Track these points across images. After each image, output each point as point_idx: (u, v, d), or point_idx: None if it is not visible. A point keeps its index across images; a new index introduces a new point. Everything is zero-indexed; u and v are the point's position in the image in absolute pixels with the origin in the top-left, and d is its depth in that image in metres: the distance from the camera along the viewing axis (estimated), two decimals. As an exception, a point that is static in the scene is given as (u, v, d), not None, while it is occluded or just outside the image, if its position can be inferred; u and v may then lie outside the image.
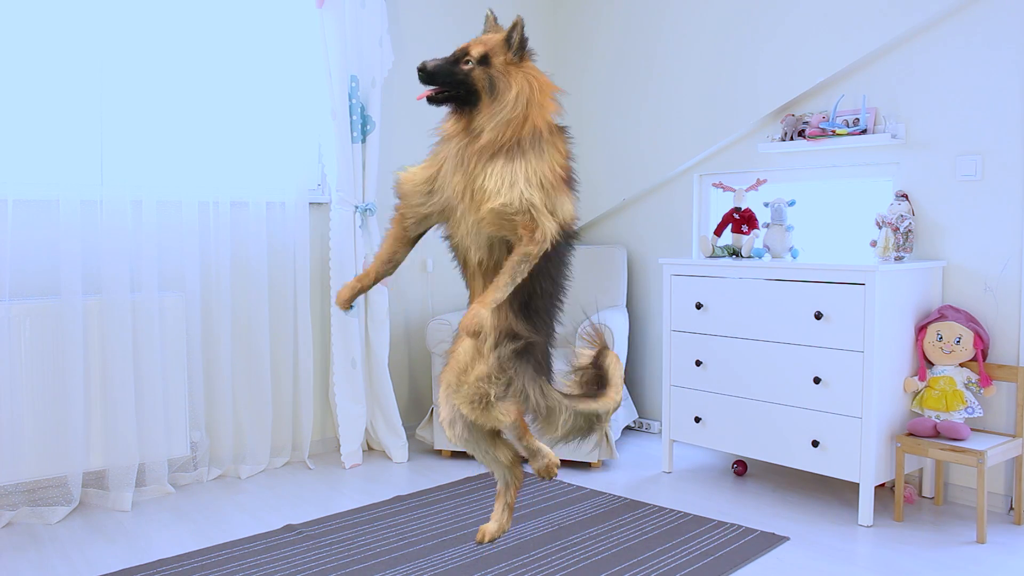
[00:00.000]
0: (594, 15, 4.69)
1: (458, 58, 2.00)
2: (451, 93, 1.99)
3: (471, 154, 1.98)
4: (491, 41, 2.02)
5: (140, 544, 2.93)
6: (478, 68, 1.98)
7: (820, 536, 3.01)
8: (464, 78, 1.98)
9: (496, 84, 1.99)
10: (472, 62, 1.98)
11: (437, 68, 1.98)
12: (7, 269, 3.11)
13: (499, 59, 2.00)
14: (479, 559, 2.76)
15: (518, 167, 1.96)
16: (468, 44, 2.03)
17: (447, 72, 1.98)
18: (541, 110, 2.04)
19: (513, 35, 2.00)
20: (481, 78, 1.98)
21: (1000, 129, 3.24)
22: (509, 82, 1.99)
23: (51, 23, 3.24)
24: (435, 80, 1.98)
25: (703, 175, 4.30)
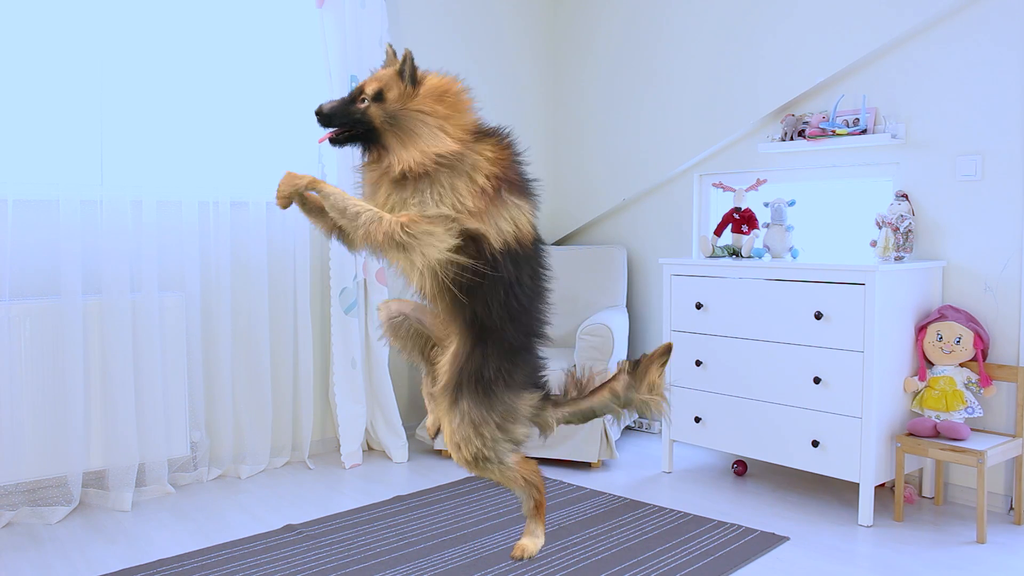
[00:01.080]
0: (594, 15, 4.69)
1: (354, 97, 1.99)
2: (351, 132, 1.99)
3: (378, 183, 1.98)
4: (385, 76, 2.00)
5: (140, 544, 2.93)
6: (373, 105, 1.97)
7: (820, 536, 3.01)
8: (361, 116, 1.97)
9: (396, 117, 1.96)
10: (367, 100, 1.97)
11: (333, 110, 1.98)
12: (7, 269, 3.11)
13: (393, 92, 1.97)
14: (479, 559, 2.76)
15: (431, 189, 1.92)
16: (364, 82, 2.02)
17: (343, 112, 1.98)
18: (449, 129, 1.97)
19: (404, 68, 1.97)
20: (377, 115, 1.96)
21: (1000, 129, 3.24)
22: (408, 112, 1.96)
23: (51, 23, 3.24)
24: (332, 121, 1.98)
25: (703, 175, 4.30)
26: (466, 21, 4.53)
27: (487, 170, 1.98)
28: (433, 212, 1.92)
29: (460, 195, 1.94)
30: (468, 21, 4.54)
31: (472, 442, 2.02)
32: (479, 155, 1.98)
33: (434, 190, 1.94)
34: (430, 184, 1.95)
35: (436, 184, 1.95)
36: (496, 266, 1.98)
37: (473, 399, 2.02)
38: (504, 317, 2.01)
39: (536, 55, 4.87)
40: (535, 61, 4.87)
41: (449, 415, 2.04)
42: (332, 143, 2.01)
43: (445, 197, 1.94)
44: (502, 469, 2.08)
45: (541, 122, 4.92)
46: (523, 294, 2.04)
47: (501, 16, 4.69)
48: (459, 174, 1.96)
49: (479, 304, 1.99)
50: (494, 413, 2.03)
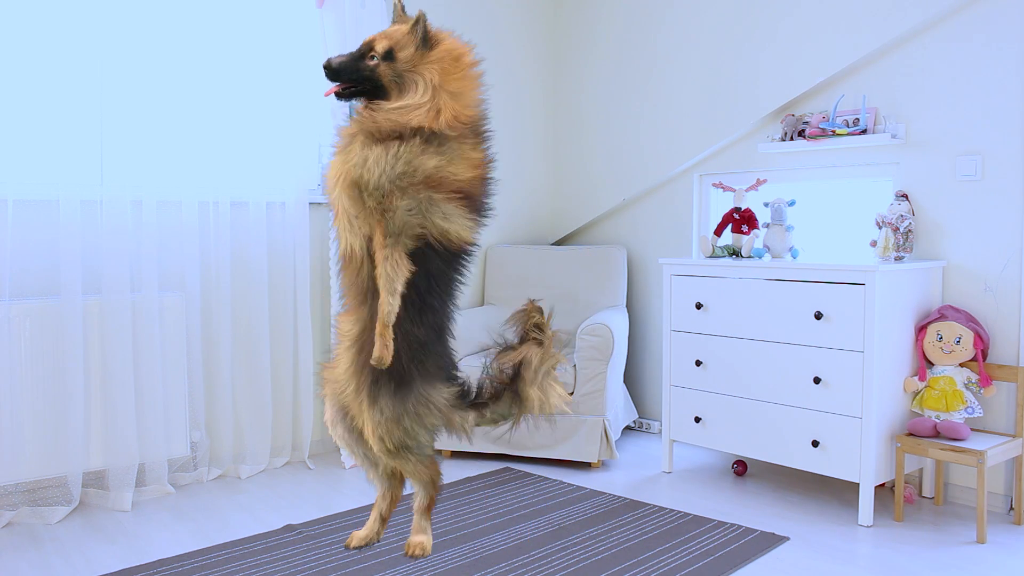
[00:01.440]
0: (594, 15, 4.69)
1: (363, 53, 1.98)
2: (358, 88, 1.98)
3: (355, 137, 1.97)
4: (396, 34, 1.99)
5: (140, 544, 2.93)
6: (383, 64, 1.97)
7: (820, 536, 3.01)
8: (370, 74, 1.97)
9: (404, 79, 1.97)
10: (377, 57, 1.97)
11: (342, 65, 1.97)
12: (7, 269, 3.11)
13: (405, 52, 1.97)
14: (479, 559, 2.76)
15: (396, 153, 1.92)
16: (373, 38, 2.01)
17: (352, 68, 1.97)
18: (449, 107, 1.97)
19: (417, 28, 1.97)
20: (387, 74, 1.97)
21: (1000, 129, 3.24)
22: (415, 76, 1.97)
23: (51, 23, 3.24)
24: (340, 77, 1.98)
25: (703, 175, 4.30)
26: (466, 21, 4.53)
27: (461, 173, 1.98)
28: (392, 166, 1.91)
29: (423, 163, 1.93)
30: (468, 21, 4.54)
31: (394, 434, 2.03)
32: (463, 157, 1.98)
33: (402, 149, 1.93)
34: (409, 145, 1.93)
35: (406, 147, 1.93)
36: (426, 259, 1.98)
37: (389, 393, 2.02)
38: (416, 310, 2.01)
39: (536, 55, 4.87)
40: (535, 61, 4.87)
41: (369, 412, 2.04)
42: (338, 97, 2.01)
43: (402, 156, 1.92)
44: (420, 459, 2.11)
45: (541, 122, 4.92)
46: (437, 293, 2.04)
47: (501, 16, 4.69)
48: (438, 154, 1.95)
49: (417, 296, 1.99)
50: (410, 404, 2.04)
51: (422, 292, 2.01)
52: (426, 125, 1.94)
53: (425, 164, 1.94)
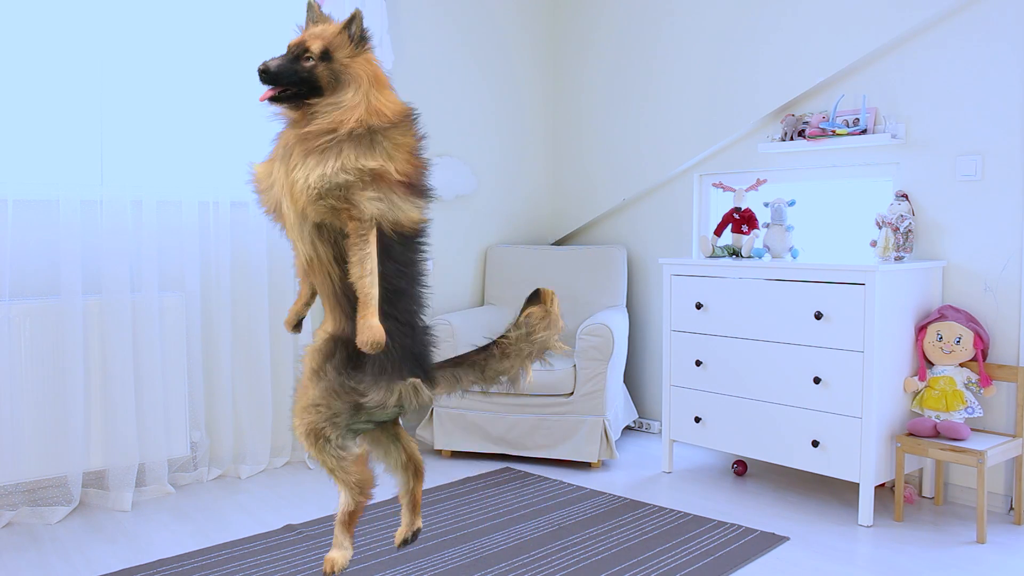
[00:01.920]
0: (594, 15, 4.69)
1: (298, 55, 1.98)
2: (294, 91, 1.98)
3: (295, 144, 1.97)
4: (328, 34, 2.00)
5: (140, 544, 2.93)
6: (320, 64, 1.97)
7: (820, 536, 3.01)
8: (307, 75, 1.97)
9: (340, 79, 1.97)
10: (313, 58, 1.97)
11: (280, 68, 1.96)
12: (7, 269, 3.11)
13: (341, 52, 1.98)
14: (479, 559, 2.76)
15: (336, 155, 1.93)
16: (304, 39, 2.00)
17: (290, 71, 1.97)
18: (379, 102, 2.00)
19: (352, 28, 1.99)
20: (324, 75, 1.97)
21: (1000, 129, 3.24)
22: (349, 75, 1.98)
23: (51, 23, 3.24)
24: (279, 80, 1.97)
25: (703, 175, 4.30)
26: (466, 21, 4.53)
27: (398, 163, 1.99)
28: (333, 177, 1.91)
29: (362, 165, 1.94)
30: (468, 21, 4.54)
31: (318, 411, 2.00)
32: (396, 146, 1.99)
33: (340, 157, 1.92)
34: (338, 153, 1.93)
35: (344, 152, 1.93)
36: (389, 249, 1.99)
37: (335, 375, 2.01)
38: (388, 295, 2.01)
39: (536, 55, 4.87)
40: (535, 61, 4.87)
41: (310, 380, 2.03)
42: (273, 101, 1.99)
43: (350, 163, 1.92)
44: (339, 456, 2.05)
45: (541, 122, 4.92)
46: (399, 277, 2.03)
47: (501, 16, 4.69)
48: (371, 151, 1.96)
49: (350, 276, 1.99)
50: (349, 396, 2.01)
51: (390, 277, 2.02)
52: (363, 123, 1.95)
53: (367, 164, 1.94)
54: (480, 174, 4.62)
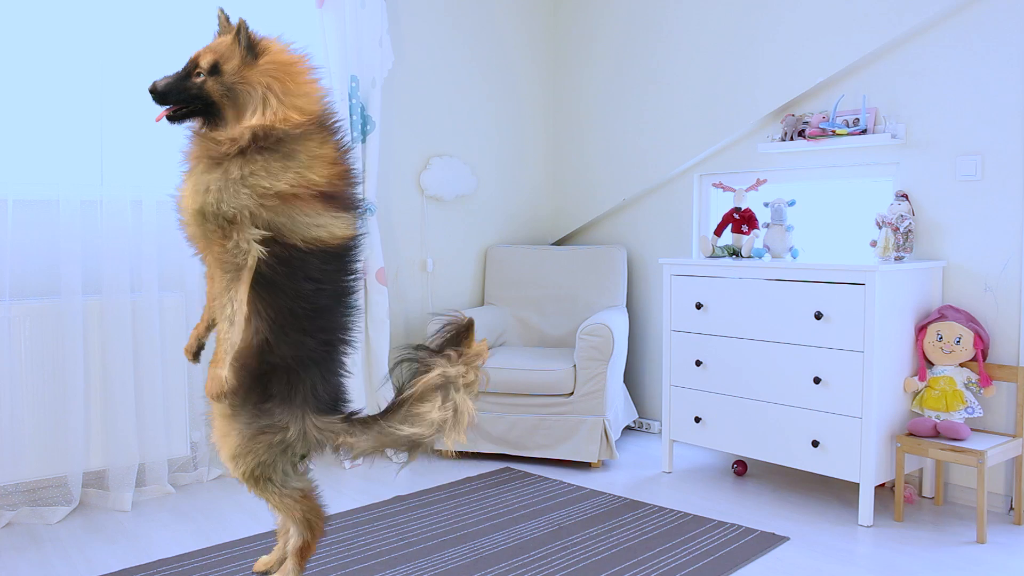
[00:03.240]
0: (594, 15, 4.69)
1: (189, 71, 1.89)
2: (189, 109, 1.89)
3: (199, 160, 1.89)
4: (220, 47, 1.89)
5: (140, 544, 2.93)
6: (210, 79, 1.87)
7: (820, 536, 3.01)
8: (198, 92, 1.87)
9: (235, 92, 1.86)
10: (203, 74, 1.88)
11: (168, 87, 1.88)
12: (7, 269, 3.11)
13: (231, 64, 1.87)
14: (479, 559, 2.76)
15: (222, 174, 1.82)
16: (199, 53, 1.91)
17: (179, 89, 1.88)
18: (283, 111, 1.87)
19: (240, 38, 1.87)
20: (215, 89, 1.87)
21: (1000, 129, 3.24)
22: (246, 87, 1.86)
23: (51, 23, 3.24)
24: (168, 99, 1.88)
25: (703, 175, 4.30)
26: (466, 21, 4.53)
27: (316, 174, 1.86)
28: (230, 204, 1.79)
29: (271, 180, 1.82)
30: (468, 21, 4.54)
31: (246, 459, 1.91)
32: (312, 157, 1.87)
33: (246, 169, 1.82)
34: (243, 164, 1.82)
35: (250, 164, 1.82)
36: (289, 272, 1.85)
37: (250, 414, 1.90)
38: (290, 313, 1.88)
39: (536, 55, 4.87)
40: (535, 61, 4.87)
41: (229, 428, 1.91)
42: (170, 121, 1.91)
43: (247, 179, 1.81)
44: (282, 495, 1.96)
45: (541, 122, 4.92)
46: (314, 296, 1.89)
47: (501, 16, 4.69)
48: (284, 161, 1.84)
49: (262, 301, 1.87)
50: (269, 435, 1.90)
51: (308, 296, 1.89)
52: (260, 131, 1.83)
53: (276, 183, 1.82)
54: (480, 174, 4.62)
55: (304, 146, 1.88)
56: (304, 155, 1.87)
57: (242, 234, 1.81)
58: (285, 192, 1.83)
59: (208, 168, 1.86)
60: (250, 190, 1.82)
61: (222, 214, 1.81)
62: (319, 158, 1.89)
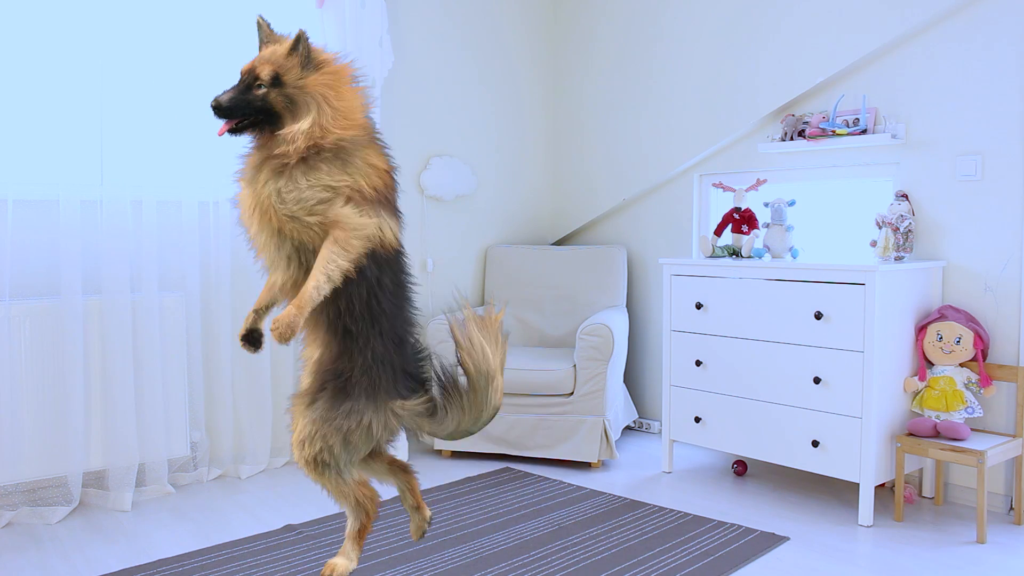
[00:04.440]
0: (594, 15, 4.69)
1: (249, 84, 1.93)
2: (252, 120, 1.94)
3: (260, 168, 1.94)
4: (276, 57, 1.95)
5: (140, 544, 2.93)
6: (272, 90, 1.92)
7: (820, 536, 3.01)
8: (262, 104, 1.93)
9: (295, 102, 1.93)
10: (264, 85, 1.93)
11: (232, 101, 1.93)
12: (7, 269, 3.11)
13: (291, 75, 1.93)
14: (479, 559, 2.76)
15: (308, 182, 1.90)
16: (254, 65, 1.95)
17: (243, 102, 1.93)
18: (345, 118, 1.95)
19: (299, 49, 1.93)
20: (278, 101, 1.93)
21: (1000, 129, 3.24)
22: (305, 97, 1.93)
23: (51, 23, 3.24)
24: (233, 113, 1.93)
25: (703, 175, 4.30)
26: (466, 21, 4.53)
27: (372, 181, 1.95)
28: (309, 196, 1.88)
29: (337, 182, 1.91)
30: (468, 21, 4.54)
31: (314, 443, 2.00)
32: (369, 165, 1.96)
33: (311, 175, 1.90)
34: (306, 171, 1.90)
35: (315, 171, 1.90)
36: (360, 266, 1.95)
37: (327, 404, 1.99)
38: (366, 319, 1.98)
39: (536, 55, 4.87)
40: (535, 61, 4.87)
41: (303, 415, 2.02)
42: (232, 133, 1.96)
43: (320, 182, 1.89)
44: (339, 481, 2.06)
45: (541, 122, 4.92)
46: (385, 298, 2.00)
47: (501, 16, 4.69)
48: (344, 167, 1.92)
49: (342, 300, 1.96)
50: (343, 422, 1.99)
51: (370, 300, 1.98)
52: (319, 143, 1.91)
53: (338, 187, 1.91)
54: (480, 174, 4.62)
55: (361, 154, 1.96)
56: (361, 163, 1.95)
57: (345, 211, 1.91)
58: (350, 194, 1.93)
59: (272, 176, 1.93)
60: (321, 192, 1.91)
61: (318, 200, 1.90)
62: (373, 167, 1.98)
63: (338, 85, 1.97)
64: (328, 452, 2.01)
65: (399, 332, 2.06)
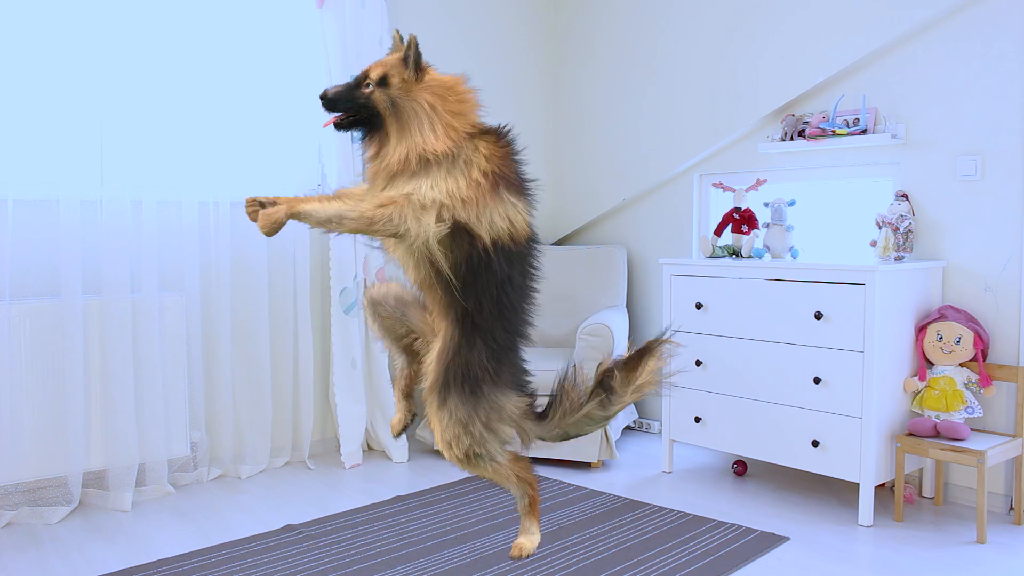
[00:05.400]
0: (594, 15, 4.70)
1: (359, 82, 2.00)
2: (356, 117, 2.00)
3: (376, 177, 1.99)
4: (390, 61, 2.02)
5: (140, 544, 2.93)
6: (378, 90, 1.99)
7: (820, 536, 3.01)
8: (365, 101, 1.99)
9: (398, 104, 1.98)
10: (372, 84, 1.99)
11: (338, 94, 1.99)
12: (7, 269, 3.11)
13: (397, 79, 1.99)
14: (479, 559, 2.76)
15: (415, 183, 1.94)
16: (369, 67, 2.03)
17: (347, 97, 1.99)
18: (451, 125, 2.00)
19: (408, 54, 1.99)
20: (381, 100, 1.98)
21: (1000, 129, 3.24)
22: (411, 102, 1.99)
23: (51, 23, 3.24)
24: (337, 106, 1.99)
25: (703, 175, 4.30)
26: (466, 21, 4.53)
27: (483, 166, 1.99)
28: (427, 194, 1.93)
29: (454, 184, 1.95)
30: (468, 21, 4.54)
31: (462, 440, 2.03)
32: (476, 151, 2.00)
33: (428, 179, 1.95)
34: (424, 175, 1.96)
35: (429, 176, 1.96)
36: (489, 262, 2.00)
37: (460, 398, 2.03)
38: (494, 314, 2.03)
39: (536, 55, 4.87)
40: (535, 61, 4.87)
41: (438, 415, 2.05)
42: (336, 128, 2.03)
43: (437, 185, 1.95)
44: (495, 466, 2.10)
45: (541, 122, 4.92)
46: (513, 293, 2.05)
47: (501, 16, 4.69)
48: (453, 168, 1.97)
49: (471, 299, 2.01)
50: (481, 411, 2.04)
51: (499, 298, 2.03)
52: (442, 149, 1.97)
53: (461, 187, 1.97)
54: (480, 174, 4.61)
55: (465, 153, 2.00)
56: (463, 160, 1.99)
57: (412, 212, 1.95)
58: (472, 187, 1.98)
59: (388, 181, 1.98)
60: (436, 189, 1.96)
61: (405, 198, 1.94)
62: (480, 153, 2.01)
63: (446, 93, 2.02)
64: (477, 445, 2.05)
65: (521, 327, 2.11)
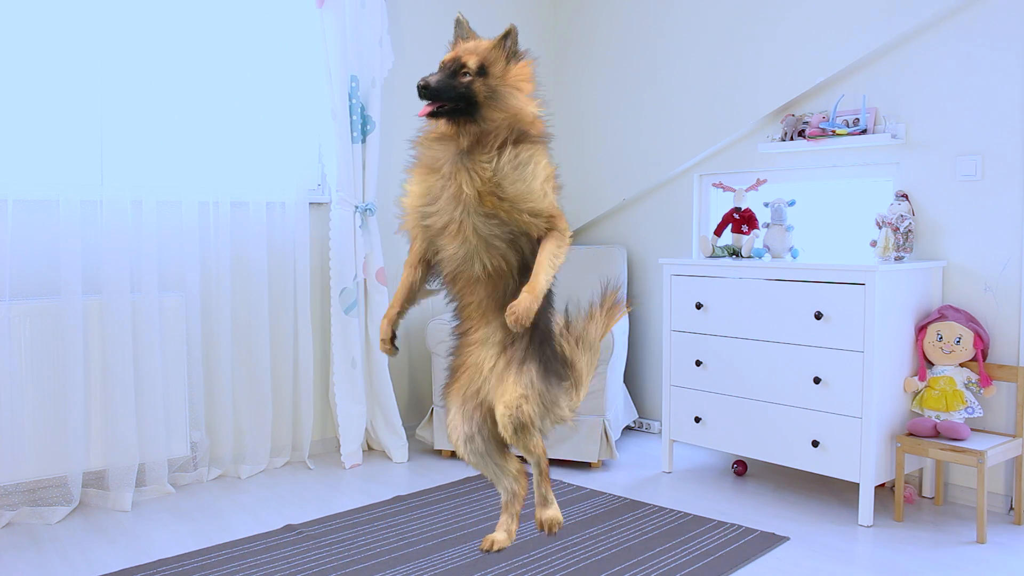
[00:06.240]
0: (594, 15, 4.69)
1: (455, 70, 2.00)
2: (452, 106, 2.00)
3: (472, 155, 2.00)
4: (482, 50, 2.04)
5: (140, 544, 2.93)
6: (478, 80, 2.00)
7: (820, 536, 3.01)
8: (465, 91, 1.99)
9: (496, 93, 2.01)
10: (470, 74, 2.00)
11: (440, 84, 1.99)
12: (7, 269, 3.11)
13: (497, 67, 2.03)
14: (479, 559, 2.76)
15: (530, 166, 2.03)
16: (459, 54, 2.03)
17: (448, 87, 1.99)
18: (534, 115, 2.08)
19: (508, 43, 2.04)
20: (482, 90, 2.00)
21: (1000, 129, 3.24)
22: (506, 90, 2.03)
23: (51, 23, 3.24)
24: (440, 95, 1.99)
25: (703, 175, 4.30)
26: (466, 21, 4.52)
27: (552, 168, 2.13)
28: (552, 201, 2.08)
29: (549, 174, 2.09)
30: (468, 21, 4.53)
31: (533, 407, 2.07)
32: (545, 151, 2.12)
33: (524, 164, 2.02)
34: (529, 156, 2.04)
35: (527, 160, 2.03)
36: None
37: (540, 373, 2.11)
38: (549, 303, 2.17)
39: (536, 55, 4.86)
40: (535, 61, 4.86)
41: (516, 379, 2.08)
42: (431, 117, 2.03)
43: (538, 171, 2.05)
44: (534, 445, 2.13)
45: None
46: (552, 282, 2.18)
47: (501, 16, 4.69)
48: (543, 157, 2.08)
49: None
50: (551, 391, 2.13)
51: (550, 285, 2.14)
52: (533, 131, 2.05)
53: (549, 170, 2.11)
54: (480, 174, 4.61)
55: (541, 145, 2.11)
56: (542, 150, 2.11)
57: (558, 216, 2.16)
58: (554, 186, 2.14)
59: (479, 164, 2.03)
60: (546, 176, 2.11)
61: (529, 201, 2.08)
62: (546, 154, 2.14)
63: (525, 80, 2.09)
64: (538, 418, 2.09)
65: (550, 314, 2.22)
